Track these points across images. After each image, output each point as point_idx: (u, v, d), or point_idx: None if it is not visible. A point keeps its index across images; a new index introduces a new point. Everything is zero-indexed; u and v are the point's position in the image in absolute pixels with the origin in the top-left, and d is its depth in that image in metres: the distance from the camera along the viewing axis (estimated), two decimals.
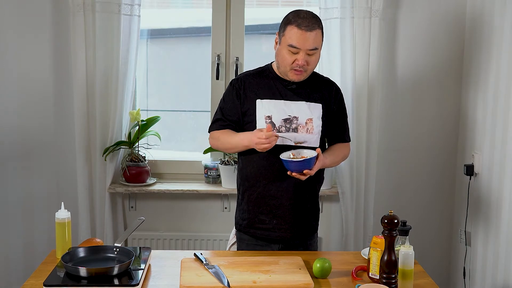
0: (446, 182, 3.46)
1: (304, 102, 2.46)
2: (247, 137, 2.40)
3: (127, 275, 2.04)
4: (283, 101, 2.45)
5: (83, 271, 1.98)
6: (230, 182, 3.29)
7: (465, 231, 3.24)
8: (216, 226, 3.44)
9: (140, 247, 2.30)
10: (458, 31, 3.34)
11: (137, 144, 3.32)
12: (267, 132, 2.31)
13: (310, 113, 2.45)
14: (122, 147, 3.31)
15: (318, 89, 2.51)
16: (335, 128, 2.57)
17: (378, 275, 2.08)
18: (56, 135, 3.36)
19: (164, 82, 3.65)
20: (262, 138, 2.30)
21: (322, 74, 2.63)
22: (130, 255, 2.12)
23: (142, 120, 3.32)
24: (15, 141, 3.34)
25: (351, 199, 3.30)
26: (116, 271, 2.01)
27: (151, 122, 3.37)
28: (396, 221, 2.01)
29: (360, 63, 3.20)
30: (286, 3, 3.59)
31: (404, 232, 2.20)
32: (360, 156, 3.27)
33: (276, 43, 2.44)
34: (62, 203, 2.31)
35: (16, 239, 3.42)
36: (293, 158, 2.34)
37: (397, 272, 2.04)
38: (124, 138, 3.33)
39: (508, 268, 2.78)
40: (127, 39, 3.19)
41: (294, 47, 2.35)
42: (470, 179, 3.17)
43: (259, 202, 2.49)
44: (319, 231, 2.66)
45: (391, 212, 2.03)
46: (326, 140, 2.59)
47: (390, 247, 2.03)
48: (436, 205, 3.48)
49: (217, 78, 3.38)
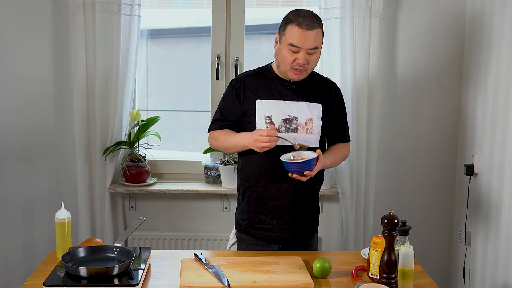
0: (446, 182, 3.46)
1: (304, 102, 2.46)
2: (246, 137, 2.40)
3: (127, 275, 2.04)
4: (282, 101, 2.45)
5: (83, 271, 1.98)
6: (230, 182, 3.29)
7: (465, 231, 3.24)
8: (216, 226, 3.44)
9: (140, 247, 2.30)
10: (458, 31, 3.34)
11: (137, 144, 3.32)
12: (270, 130, 2.31)
13: (310, 113, 2.45)
14: (122, 147, 3.31)
15: (318, 89, 2.51)
16: (335, 128, 2.57)
17: (378, 275, 2.08)
18: (56, 135, 3.36)
19: (164, 82, 3.64)
20: (264, 135, 2.30)
21: (322, 74, 2.63)
22: (130, 255, 2.12)
23: (142, 120, 3.32)
24: (15, 141, 3.34)
25: (351, 199, 3.29)
26: (116, 271, 2.01)
27: (151, 122, 3.37)
28: (396, 221, 2.01)
29: (360, 63, 3.20)
30: (286, 3, 3.59)
31: (404, 232, 2.21)
32: (360, 156, 3.27)
33: (276, 43, 2.44)
34: (62, 203, 2.31)
35: (16, 239, 3.41)
36: (293, 160, 2.34)
37: (397, 272, 2.04)
38: (124, 138, 3.32)
39: (508, 268, 2.78)
40: (127, 39, 3.19)
41: (295, 46, 2.34)
42: (470, 179, 3.17)
43: (259, 202, 2.49)
44: (319, 231, 2.66)
45: (391, 212, 2.03)
46: (326, 140, 2.59)
47: (390, 247, 2.03)
48: (436, 205, 3.48)
49: (217, 78, 3.38)
